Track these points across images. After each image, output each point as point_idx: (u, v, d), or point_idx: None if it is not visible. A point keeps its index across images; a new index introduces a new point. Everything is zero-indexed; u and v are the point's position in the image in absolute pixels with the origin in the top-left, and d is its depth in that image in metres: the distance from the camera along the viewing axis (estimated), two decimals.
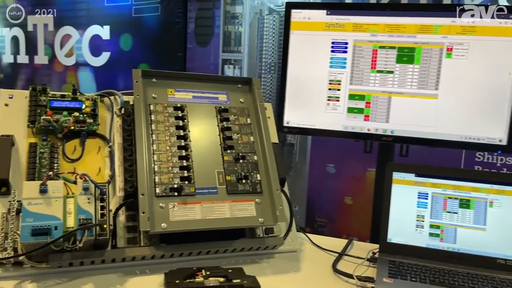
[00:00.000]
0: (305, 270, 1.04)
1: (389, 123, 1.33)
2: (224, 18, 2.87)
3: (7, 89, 1.03)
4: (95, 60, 3.39)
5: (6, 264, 0.86)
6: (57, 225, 0.84)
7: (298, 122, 1.41)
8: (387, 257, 1.05)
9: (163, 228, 0.92)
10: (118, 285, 0.89)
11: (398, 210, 1.10)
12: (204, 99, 1.11)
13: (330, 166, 2.61)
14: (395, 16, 1.29)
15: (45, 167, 0.96)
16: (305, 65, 1.39)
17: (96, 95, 1.08)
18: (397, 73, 1.30)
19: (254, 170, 1.06)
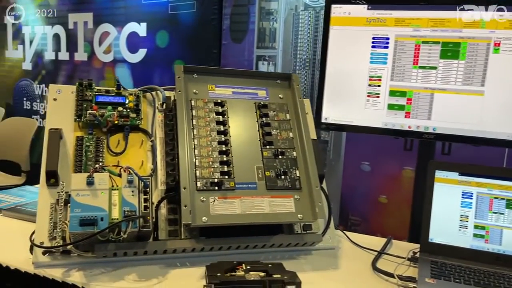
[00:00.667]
0: (344, 268, 1.03)
1: (431, 120, 1.29)
2: (259, 14, 2.87)
3: (55, 84, 1.07)
4: (132, 57, 3.47)
5: (55, 253, 0.90)
6: (103, 216, 0.86)
7: (336, 118, 1.39)
8: (428, 257, 1.03)
9: (204, 221, 0.93)
10: (160, 276, 0.91)
11: (441, 209, 1.07)
12: (243, 94, 1.12)
13: (364, 164, 2.57)
14: (440, 10, 1.25)
15: (90, 160, 0.99)
16: (345, 61, 1.37)
17: (139, 91, 1.10)
18: (441, 69, 1.27)
19: (293, 166, 1.06)
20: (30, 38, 4.07)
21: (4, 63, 4.26)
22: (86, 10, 3.69)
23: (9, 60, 4.23)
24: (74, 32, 3.77)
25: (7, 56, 4.22)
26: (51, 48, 3.93)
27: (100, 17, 3.61)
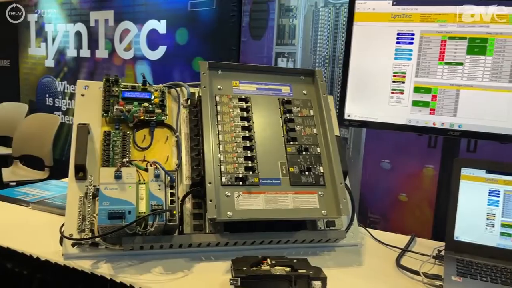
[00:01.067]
0: (368, 264, 1.03)
1: (457, 117, 1.28)
2: (279, 11, 2.87)
3: (83, 80, 1.09)
4: (152, 54, 3.50)
5: (84, 245, 0.92)
6: (130, 209, 0.88)
7: (359, 115, 1.38)
8: (454, 255, 1.02)
9: (229, 216, 0.94)
10: (186, 270, 0.92)
11: (466, 207, 1.06)
12: (267, 90, 1.12)
13: (385, 162, 2.55)
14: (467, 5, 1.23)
15: (117, 154, 1.01)
16: (368, 57, 1.36)
17: (164, 87, 1.11)
18: (467, 65, 1.25)
19: (317, 162, 1.06)
20: (53, 36, 4.14)
21: (27, 60, 4.35)
22: (107, 8, 3.74)
23: (32, 57, 4.32)
24: (95, 29, 3.83)
25: (30, 54, 4.31)
26: (73, 45, 4.00)
27: (120, 14, 3.65)
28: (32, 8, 4.28)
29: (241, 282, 0.78)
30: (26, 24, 4.33)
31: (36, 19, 4.26)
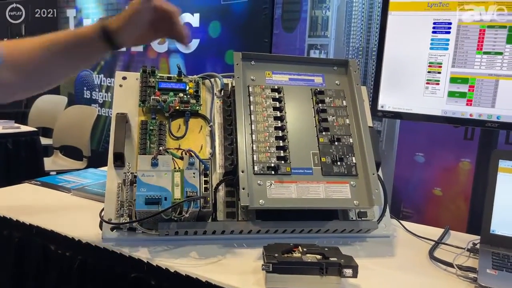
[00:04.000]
0: (400, 255, 1.02)
1: (495, 108, 1.24)
2: (312, 2, 2.85)
3: (121, 72, 1.13)
4: (185, 47, 3.56)
5: (122, 229, 0.96)
6: (166, 196, 0.91)
7: (393, 106, 1.37)
8: (489, 249, 1.00)
9: (261, 204, 0.95)
10: (219, 255, 0.95)
11: (504, 200, 1.03)
12: (300, 81, 1.13)
13: (419, 155, 2.51)
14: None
15: (154, 143, 1.04)
16: (403, 47, 1.34)
17: (198, 77, 1.14)
18: (507, 54, 1.21)
19: (350, 152, 1.06)
20: None
21: None
22: None
23: None
24: None
25: None
26: None
27: None
28: (71, 4, 4.42)
29: (272, 267, 0.80)
30: (66, 19, 4.48)
31: (75, 15, 4.40)
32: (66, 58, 0.87)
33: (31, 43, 0.84)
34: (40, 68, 0.85)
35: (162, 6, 0.86)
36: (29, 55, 0.84)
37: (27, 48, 0.84)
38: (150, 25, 0.88)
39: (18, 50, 0.84)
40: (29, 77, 0.86)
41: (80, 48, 0.86)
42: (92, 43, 0.85)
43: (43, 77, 0.88)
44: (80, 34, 0.86)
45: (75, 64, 0.92)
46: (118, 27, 0.84)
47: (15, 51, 0.83)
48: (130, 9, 0.84)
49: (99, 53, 0.89)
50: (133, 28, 0.86)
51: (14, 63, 0.83)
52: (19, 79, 0.84)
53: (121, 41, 0.86)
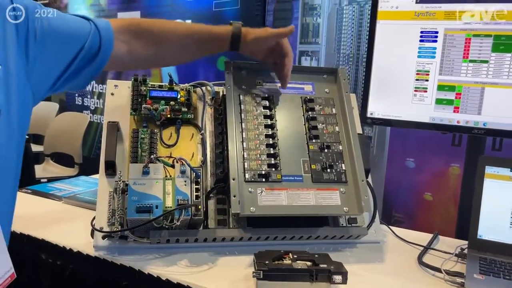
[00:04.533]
0: (389, 261, 1.04)
1: (482, 115, 1.27)
2: (303, 9, 2.88)
3: (113, 80, 1.14)
4: None
5: (113, 237, 0.96)
6: (158, 204, 0.92)
7: (382, 113, 1.39)
8: (477, 254, 1.02)
9: (252, 211, 0.96)
10: (210, 263, 0.96)
11: (491, 206, 1.05)
12: (290, 89, 1.14)
13: (409, 161, 2.53)
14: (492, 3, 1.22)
15: (145, 151, 1.05)
16: (391, 55, 1.36)
17: (190, 86, 1.15)
18: (493, 62, 1.24)
19: (339, 159, 1.07)
20: None
21: None
22: (134, 9, 3.82)
23: None
24: None
25: None
26: None
27: (147, 15, 3.73)
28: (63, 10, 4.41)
29: (263, 275, 0.81)
30: None
31: None
32: (197, 48, 1.03)
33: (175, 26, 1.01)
34: (172, 49, 1.02)
35: (284, 44, 1.05)
36: (167, 35, 0.99)
37: (170, 29, 1.00)
38: (267, 51, 1.06)
39: (158, 27, 0.99)
40: (160, 52, 1.01)
41: (210, 44, 1.03)
42: (221, 43, 1.02)
43: (170, 55, 1.05)
44: (214, 32, 1.03)
45: (199, 54, 1.07)
46: (248, 39, 1.01)
47: (155, 27, 0.99)
48: (265, 31, 1.03)
49: (220, 50, 1.05)
50: (258, 45, 1.04)
51: (150, 36, 0.97)
52: (150, 51, 0.98)
53: (244, 50, 1.04)
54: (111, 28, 0.90)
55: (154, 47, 0.98)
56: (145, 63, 1.05)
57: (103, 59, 0.89)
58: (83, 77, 0.88)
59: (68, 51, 0.83)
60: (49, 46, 0.79)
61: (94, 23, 0.87)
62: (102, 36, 0.87)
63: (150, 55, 0.99)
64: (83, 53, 0.85)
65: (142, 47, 0.96)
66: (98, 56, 0.87)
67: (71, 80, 0.86)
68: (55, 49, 0.81)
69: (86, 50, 0.85)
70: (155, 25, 0.99)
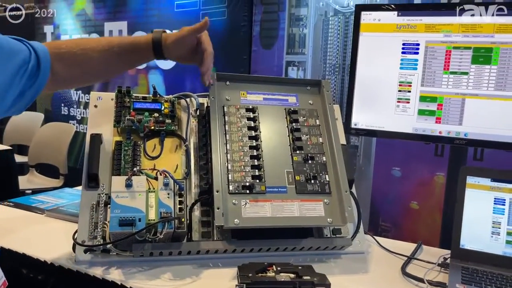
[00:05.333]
0: (373, 272, 1.04)
1: (463, 126, 1.29)
2: (289, 20, 2.90)
3: (96, 92, 1.13)
4: (164, 63, 3.56)
5: (95, 251, 0.95)
6: (140, 217, 0.91)
7: (366, 124, 1.40)
8: (459, 263, 1.03)
9: (236, 223, 0.96)
10: (194, 276, 0.95)
11: (472, 215, 1.07)
12: (274, 101, 1.15)
13: (395, 170, 2.55)
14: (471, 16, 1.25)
15: (128, 164, 1.04)
16: (374, 67, 1.38)
17: (174, 97, 1.15)
18: (472, 74, 1.26)
19: (323, 170, 1.08)
20: None
21: None
22: (121, 19, 3.82)
23: None
24: None
25: None
26: None
27: (134, 25, 3.73)
28: (49, 20, 4.39)
29: (246, 287, 0.80)
30: (43, 35, 4.44)
31: (52, 31, 4.37)
32: (120, 60, 1.00)
33: (95, 43, 0.96)
34: (95, 66, 0.98)
35: (203, 39, 1.03)
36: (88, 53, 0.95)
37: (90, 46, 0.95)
38: (191, 50, 1.03)
39: (79, 46, 0.94)
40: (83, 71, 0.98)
41: (133, 54, 0.99)
42: (144, 52, 0.98)
43: (94, 72, 1.01)
44: (135, 42, 0.98)
45: (125, 66, 1.06)
46: (169, 42, 0.98)
47: (74, 48, 0.94)
48: (182, 31, 0.99)
49: (146, 60, 1.03)
50: (178, 46, 1.00)
51: (71, 57, 0.93)
52: (73, 72, 0.96)
53: (167, 55, 1.00)
54: (47, 51, 0.88)
55: (76, 68, 0.96)
56: (70, 84, 1.07)
57: (42, 82, 0.87)
58: (26, 100, 0.86)
59: (12, 65, 0.81)
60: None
61: (29, 45, 0.86)
62: (41, 58, 0.86)
63: (74, 75, 0.97)
64: (26, 75, 0.83)
65: (64, 69, 0.93)
66: (38, 78, 0.86)
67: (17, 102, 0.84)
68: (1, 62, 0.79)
69: (29, 72, 0.83)
70: (74, 46, 0.94)
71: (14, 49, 0.82)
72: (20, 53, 0.83)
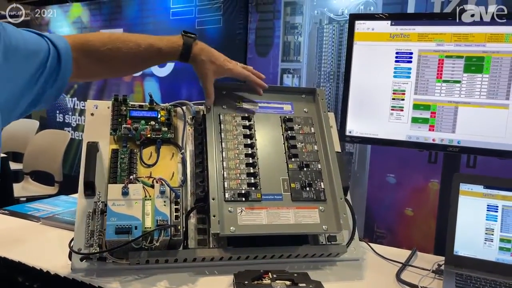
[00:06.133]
0: (368, 279, 1.05)
1: (456, 133, 1.31)
2: (284, 28, 2.93)
3: (92, 100, 1.14)
4: (160, 71, 3.58)
5: (92, 259, 0.95)
6: (137, 225, 0.91)
7: (360, 131, 1.42)
8: (453, 270, 1.04)
9: (232, 231, 0.97)
10: (190, 283, 0.95)
11: (465, 222, 1.08)
12: (269, 109, 1.16)
13: (390, 176, 2.57)
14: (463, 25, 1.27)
15: (125, 171, 1.05)
16: (368, 75, 1.40)
17: (170, 105, 1.15)
18: (465, 82, 1.28)
19: (318, 178, 1.09)
20: None
21: None
22: (117, 26, 3.83)
23: None
24: None
25: None
26: None
27: (130, 32, 3.74)
28: (44, 27, 4.39)
29: None
30: None
31: None
32: (145, 64, 1.06)
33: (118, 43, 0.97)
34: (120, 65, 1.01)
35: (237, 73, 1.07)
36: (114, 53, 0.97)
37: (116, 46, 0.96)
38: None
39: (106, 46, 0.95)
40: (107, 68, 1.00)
41: (159, 59, 1.03)
42: (170, 56, 1.01)
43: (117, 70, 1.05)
44: (163, 52, 1.00)
45: (147, 67, 1.13)
46: (200, 56, 1.01)
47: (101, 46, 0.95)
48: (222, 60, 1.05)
49: (169, 61, 1.09)
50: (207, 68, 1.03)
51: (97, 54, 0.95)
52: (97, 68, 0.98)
53: (193, 63, 1.02)
54: (69, 47, 0.89)
55: (102, 64, 0.98)
56: (93, 78, 1.12)
57: (63, 79, 0.88)
58: (47, 98, 0.87)
59: (29, 66, 0.81)
60: (12, 63, 0.77)
61: (50, 41, 0.85)
62: (62, 56, 0.86)
63: (98, 71, 1.01)
64: (45, 74, 0.83)
65: (90, 64, 0.95)
66: (59, 76, 0.86)
67: (37, 102, 0.85)
68: (18, 65, 0.79)
69: (48, 71, 0.83)
70: (101, 44, 0.96)
71: (31, 50, 0.81)
72: (38, 54, 0.82)
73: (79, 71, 0.93)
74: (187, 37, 1.01)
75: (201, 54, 1.01)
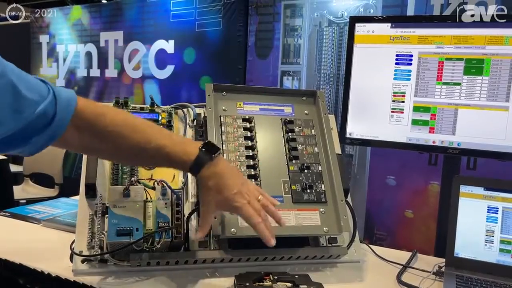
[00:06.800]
0: (369, 280, 1.05)
1: (456, 136, 1.31)
2: (284, 31, 2.94)
3: None
4: (160, 73, 3.58)
5: (93, 261, 0.95)
6: (138, 227, 0.91)
7: (361, 133, 1.42)
8: (454, 272, 1.04)
9: (233, 233, 0.97)
10: (191, 285, 0.95)
11: (466, 224, 1.08)
12: (270, 111, 1.16)
13: (390, 178, 2.57)
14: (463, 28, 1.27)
15: (126, 174, 1.05)
16: (369, 78, 1.41)
17: (171, 108, 1.16)
18: (465, 85, 1.29)
19: (319, 180, 1.09)
20: (64, 56, 4.25)
21: None
22: (117, 29, 3.84)
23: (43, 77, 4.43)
24: (105, 49, 3.93)
25: (41, 73, 4.42)
26: (83, 65, 4.10)
27: (130, 35, 3.75)
28: (44, 30, 4.40)
29: None
30: (38, 45, 4.45)
31: (48, 40, 4.38)
32: (150, 162, 0.96)
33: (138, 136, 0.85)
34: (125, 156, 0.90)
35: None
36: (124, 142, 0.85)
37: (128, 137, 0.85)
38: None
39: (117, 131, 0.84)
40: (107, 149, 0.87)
41: (165, 164, 0.90)
42: (178, 166, 0.91)
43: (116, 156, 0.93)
44: (174, 161, 0.86)
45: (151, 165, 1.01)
46: (208, 181, 0.87)
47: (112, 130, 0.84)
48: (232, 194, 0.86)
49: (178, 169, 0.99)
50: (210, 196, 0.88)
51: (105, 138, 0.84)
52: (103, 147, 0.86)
53: (199, 183, 0.90)
54: (74, 102, 0.79)
55: (106, 145, 0.85)
56: (93, 154, 0.98)
57: (56, 131, 0.78)
58: (34, 144, 0.78)
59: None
60: None
61: (53, 90, 0.78)
62: (59, 107, 0.77)
63: (101, 149, 0.87)
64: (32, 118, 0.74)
65: (94, 142, 0.84)
66: (51, 125, 0.77)
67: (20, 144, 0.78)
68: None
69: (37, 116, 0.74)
70: (114, 126, 0.84)
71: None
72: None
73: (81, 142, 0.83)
74: (204, 153, 0.86)
75: (209, 179, 0.86)
